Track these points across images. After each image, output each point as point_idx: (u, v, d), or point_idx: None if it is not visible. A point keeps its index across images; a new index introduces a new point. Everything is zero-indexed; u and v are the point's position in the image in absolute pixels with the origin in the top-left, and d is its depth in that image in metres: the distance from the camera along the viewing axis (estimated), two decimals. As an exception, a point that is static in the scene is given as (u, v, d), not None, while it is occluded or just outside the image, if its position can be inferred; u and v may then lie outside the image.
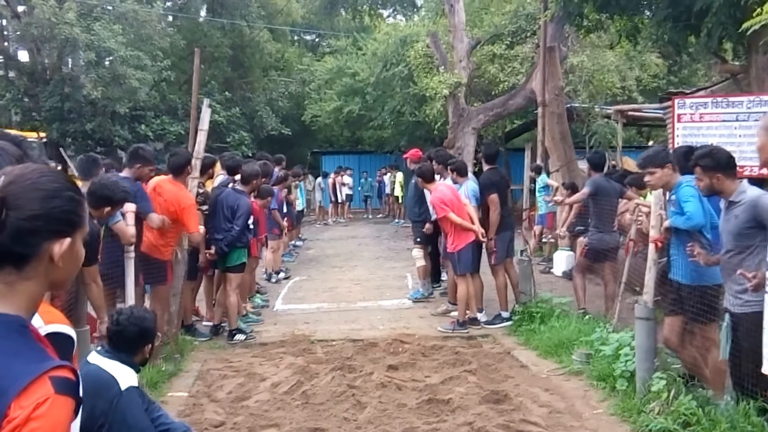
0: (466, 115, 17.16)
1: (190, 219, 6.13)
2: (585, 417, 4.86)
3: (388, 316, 8.23)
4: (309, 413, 5.01)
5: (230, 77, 24.18)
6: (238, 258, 7.13)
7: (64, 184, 1.36)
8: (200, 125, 6.56)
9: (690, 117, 8.06)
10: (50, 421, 1.19)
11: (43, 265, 1.31)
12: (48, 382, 1.20)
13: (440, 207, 7.31)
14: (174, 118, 21.41)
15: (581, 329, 6.42)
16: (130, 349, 3.17)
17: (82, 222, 1.38)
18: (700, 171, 4.21)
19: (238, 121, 22.96)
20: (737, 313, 3.95)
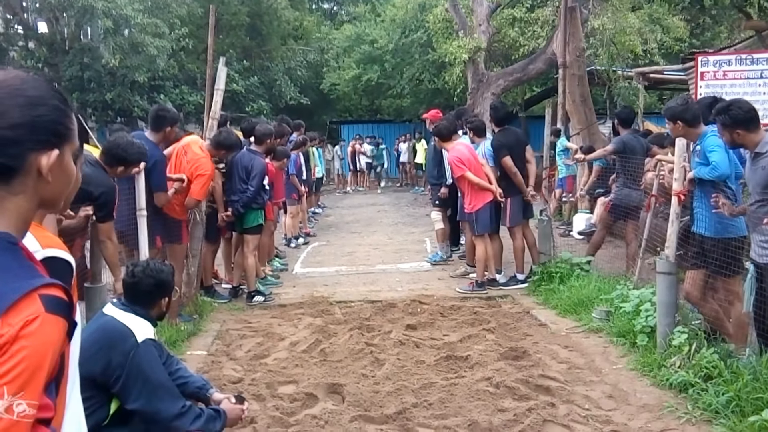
0: (486, 80, 16.94)
1: (198, 186, 6.08)
2: (604, 372, 4.80)
3: (406, 279, 8.20)
4: (327, 370, 5.01)
5: (248, 46, 24.03)
6: (254, 219, 7.11)
7: (48, 92, 1.26)
8: (216, 84, 6.50)
9: (713, 74, 7.87)
10: (40, 340, 1.11)
11: (31, 179, 1.23)
12: (38, 299, 1.13)
13: (457, 166, 7.21)
14: (193, 88, 21.35)
15: (601, 288, 6.34)
16: (146, 301, 3.14)
17: (70, 134, 1.29)
18: (720, 127, 4.10)
19: (256, 91, 22.88)
20: (762, 263, 3.85)
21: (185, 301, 6.39)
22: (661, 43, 16.57)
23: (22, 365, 1.08)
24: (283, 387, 4.68)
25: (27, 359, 1.09)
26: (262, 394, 4.52)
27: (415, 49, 21.41)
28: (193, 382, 3.33)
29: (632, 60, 15.98)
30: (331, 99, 26.52)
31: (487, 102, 15.84)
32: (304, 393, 4.50)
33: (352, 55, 24.11)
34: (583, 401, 4.29)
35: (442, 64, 18.75)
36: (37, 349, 1.10)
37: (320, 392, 4.55)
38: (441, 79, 19.42)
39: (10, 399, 1.06)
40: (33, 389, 1.10)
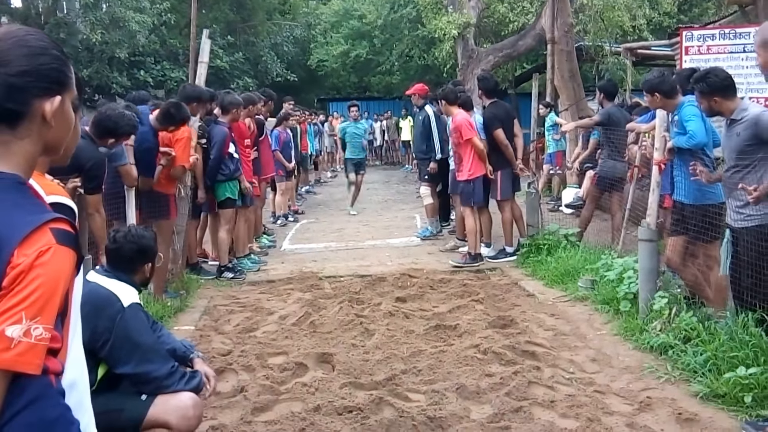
0: (476, 56, 17.00)
1: (180, 151, 6.06)
2: (589, 338, 5.01)
3: (396, 253, 8.38)
4: (317, 341, 5.17)
5: (233, 21, 23.93)
6: (222, 193, 7.19)
7: (49, 43, 1.40)
8: (200, 57, 6.58)
9: (698, 49, 8.01)
10: (53, 269, 1.23)
11: (36, 124, 1.35)
12: (49, 232, 1.25)
13: (468, 129, 7.39)
14: (175, 64, 21.26)
15: (587, 258, 6.55)
16: (128, 267, 3.17)
17: (69, 82, 1.42)
18: (698, 94, 4.25)
19: (241, 67, 22.83)
20: (738, 228, 4.04)
21: (171, 278, 6.50)
22: (650, 18, 16.71)
23: (38, 292, 1.20)
24: (272, 358, 4.83)
25: (42, 286, 1.21)
26: (252, 364, 4.66)
27: (404, 25, 21.44)
28: (178, 348, 3.38)
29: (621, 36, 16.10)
30: (318, 76, 26.53)
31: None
32: (294, 363, 4.65)
33: (340, 30, 24.10)
34: (567, 365, 4.49)
35: (432, 40, 18.78)
36: (50, 277, 1.23)
37: (310, 362, 4.70)
38: (431, 55, 19.47)
39: (28, 323, 1.19)
40: (48, 314, 1.22)
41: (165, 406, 2.96)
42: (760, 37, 3.04)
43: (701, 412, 3.67)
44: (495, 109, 7.76)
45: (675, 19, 18.09)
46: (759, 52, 3.03)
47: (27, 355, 1.19)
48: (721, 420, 3.58)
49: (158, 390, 2.99)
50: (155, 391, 2.99)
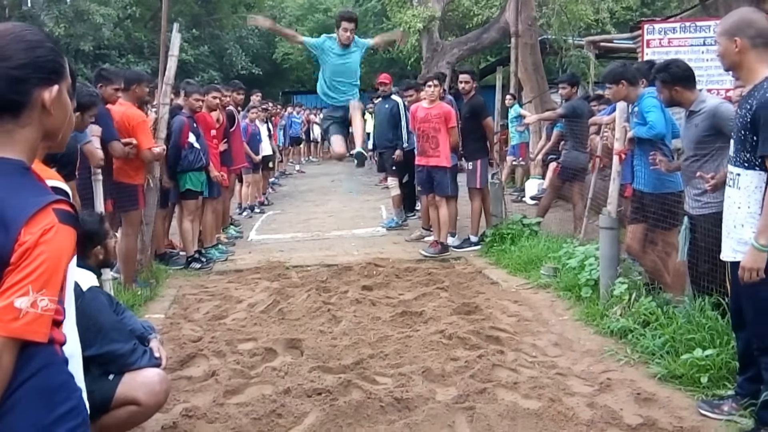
0: (441, 49, 17.10)
1: (142, 135, 5.98)
2: (551, 323, 5.12)
3: (362, 243, 8.42)
4: (285, 328, 5.20)
5: (198, 14, 23.69)
6: (183, 184, 7.15)
7: (44, 37, 1.50)
8: (170, 50, 6.53)
9: (659, 42, 8.19)
10: (56, 246, 1.33)
11: (36, 112, 1.45)
12: (52, 212, 1.35)
13: (454, 117, 7.53)
14: (140, 57, 21.03)
15: (549, 247, 6.68)
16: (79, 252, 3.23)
17: (65, 72, 1.51)
18: (659, 84, 4.37)
19: (206, 60, 22.65)
20: (696, 215, 4.16)
21: (140, 268, 6.47)
22: (613, 12, 16.99)
23: (43, 267, 1.31)
24: (242, 344, 4.85)
25: (47, 261, 1.31)
26: (222, 350, 4.68)
27: (369, 18, 21.48)
28: (137, 329, 3.40)
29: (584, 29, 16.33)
30: (284, 69, 26.43)
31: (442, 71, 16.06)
32: (263, 348, 4.68)
33: (306, 23, 24.06)
34: (530, 349, 4.58)
35: (397, 33, 18.84)
36: (54, 253, 1.33)
37: (279, 347, 4.74)
38: (395, 48, 19.53)
39: (35, 295, 1.29)
40: (52, 287, 1.32)
41: (132, 383, 3.00)
42: (722, 27, 3.12)
43: (659, 392, 3.78)
44: (480, 100, 7.94)
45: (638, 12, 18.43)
46: (720, 41, 3.11)
47: (34, 324, 1.29)
48: (679, 400, 3.70)
49: (124, 368, 3.04)
50: (121, 369, 3.04)
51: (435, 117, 7.46)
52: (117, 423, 3.10)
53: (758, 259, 2.87)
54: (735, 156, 3.11)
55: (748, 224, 2.99)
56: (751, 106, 2.94)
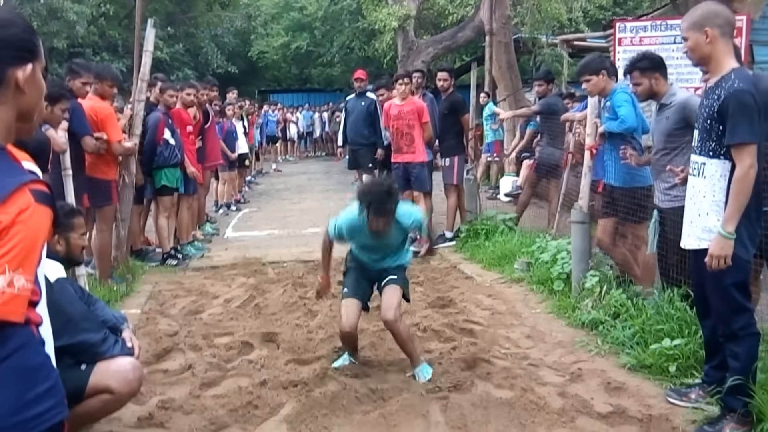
0: (416, 48, 17.17)
1: (111, 128, 5.93)
2: (524, 316, 5.18)
3: (338, 240, 8.41)
4: (262, 322, 5.20)
5: (172, 12, 23.49)
6: (158, 181, 7.11)
7: (17, 16, 1.49)
8: (145, 46, 6.49)
9: (630, 40, 8.30)
10: (33, 225, 1.32)
11: (10, 91, 1.43)
12: (28, 192, 1.34)
13: (427, 113, 7.56)
14: (114, 55, 20.80)
15: (523, 242, 6.75)
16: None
17: (38, 51, 1.50)
18: (638, 74, 4.42)
19: (182, 58, 22.46)
20: (665, 208, 4.24)
21: (116, 264, 6.44)
22: (586, 11, 17.18)
23: (20, 246, 1.30)
24: (219, 338, 4.85)
25: (23, 241, 1.30)
26: (199, 344, 4.68)
27: (344, 17, 21.47)
28: (108, 320, 3.40)
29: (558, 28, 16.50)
30: (259, 67, 26.31)
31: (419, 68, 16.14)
32: (240, 342, 4.69)
33: (281, 22, 23.98)
34: (503, 341, 4.64)
35: (372, 31, 18.89)
36: (30, 233, 1.32)
37: (256, 341, 4.74)
38: (371, 47, 19.57)
39: (11, 274, 1.28)
40: (29, 267, 1.31)
41: (105, 372, 3.00)
42: (689, 21, 3.18)
43: (629, 381, 3.86)
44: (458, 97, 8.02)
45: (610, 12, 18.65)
46: (688, 35, 3.16)
47: (11, 304, 1.28)
48: (648, 388, 3.77)
49: (96, 357, 3.04)
50: (93, 358, 3.03)
51: (408, 113, 7.48)
52: (91, 412, 3.10)
53: (725, 247, 2.95)
54: (700, 145, 3.18)
55: (713, 212, 3.07)
56: (719, 96, 3.01)
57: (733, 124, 2.93)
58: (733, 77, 3.01)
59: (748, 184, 2.92)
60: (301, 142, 23.24)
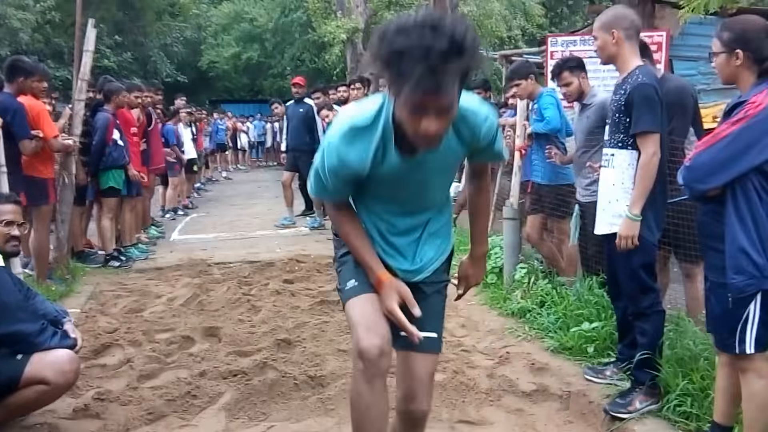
0: (364, 60, 17.35)
1: (46, 125, 5.79)
2: (460, 308, 5.29)
3: (285, 242, 8.46)
4: (204, 318, 5.19)
5: (120, 21, 23.12)
6: (105, 182, 7.05)
7: None
8: (85, 46, 6.42)
9: (561, 54, 8.61)
10: None
11: None
12: None
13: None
14: (60, 63, 20.33)
15: (461, 240, 6.87)
16: None
17: None
18: (568, 74, 4.61)
19: (130, 67, 22.09)
20: (585, 202, 4.44)
21: (55, 265, 6.30)
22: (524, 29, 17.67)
23: None
24: (159, 334, 4.81)
25: None
26: (139, 340, 4.64)
27: (295, 29, 21.52)
28: (51, 311, 3.39)
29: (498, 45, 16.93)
30: (210, 77, 26.09)
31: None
32: (180, 336, 4.68)
33: (232, 32, 23.87)
34: (439, 331, 4.76)
35: (322, 44, 18.98)
36: None
37: (197, 335, 4.75)
38: (321, 59, 19.67)
39: None
40: None
41: (41, 362, 2.99)
42: (600, 22, 3.36)
43: (551, 362, 4.02)
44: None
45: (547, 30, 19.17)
46: (598, 35, 3.35)
47: None
48: (568, 368, 3.94)
49: (32, 348, 3.01)
50: (30, 349, 3.01)
51: None
52: (25, 402, 3.08)
53: (632, 228, 3.13)
54: (610, 138, 3.37)
55: (622, 199, 3.25)
56: (625, 90, 3.20)
57: (637, 115, 3.13)
58: (637, 73, 3.21)
59: (651, 170, 3.11)
60: (253, 152, 23.12)
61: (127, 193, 7.36)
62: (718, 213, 2.56)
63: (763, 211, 2.47)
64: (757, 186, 2.47)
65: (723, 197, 2.53)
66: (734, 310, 2.51)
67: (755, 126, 2.44)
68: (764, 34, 2.57)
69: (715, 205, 2.58)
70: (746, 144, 2.44)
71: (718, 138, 2.50)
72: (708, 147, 2.53)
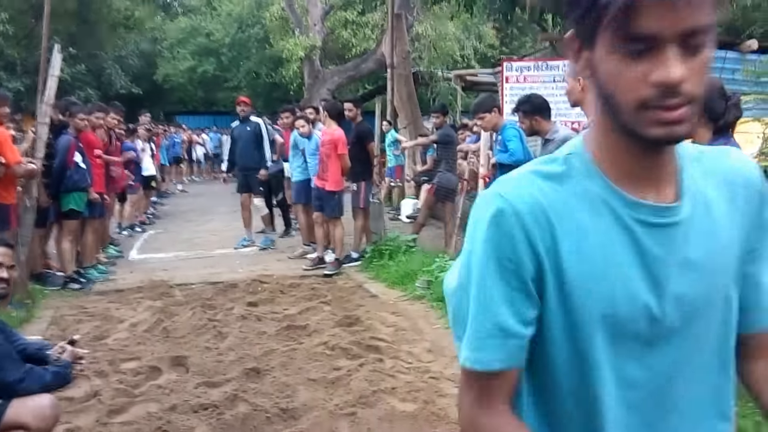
0: (321, 77, 17.32)
1: (8, 151, 5.63)
2: (426, 332, 5.31)
3: (246, 261, 8.33)
4: (170, 345, 5.06)
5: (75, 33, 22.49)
6: (66, 204, 6.84)
7: None
8: (51, 71, 6.27)
9: (516, 78, 8.76)
10: None
11: None
12: None
13: (344, 144, 7.56)
14: (12, 75, 19.72)
15: (424, 261, 6.90)
16: None
17: None
18: (521, 115, 4.70)
19: (84, 78, 21.50)
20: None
21: (15, 288, 6.08)
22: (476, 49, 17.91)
23: None
24: (125, 363, 4.67)
25: None
26: (105, 370, 4.48)
27: (252, 44, 21.36)
28: (32, 344, 3.25)
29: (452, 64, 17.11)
30: (165, 89, 25.61)
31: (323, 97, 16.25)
32: (147, 366, 4.55)
33: (188, 46, 23.53)
34: (406, 356, 4.73)
35: (280, 59, 18.88)
36: None
37: (164, 365, 4.61)
38: (278, 74, 19.55)
39: None
40: None
41: (22, 408, 2.87)
42: (570, 69, 3.45)
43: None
44: (366, 126, 8.10)
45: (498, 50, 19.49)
46: (568, 81, 3.42)
47: None
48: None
49: (15, 394, 2.87)
50: (12, 395, 2.87)
51: (327, 143, 7.58)
52: (3, 448, 2.94)
53: None
54: None
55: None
56: None
57: None
58: None
59: None
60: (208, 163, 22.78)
61: (89, 214, 7.14)
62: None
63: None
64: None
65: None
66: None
67: None
68: (717, 94, 2.65)
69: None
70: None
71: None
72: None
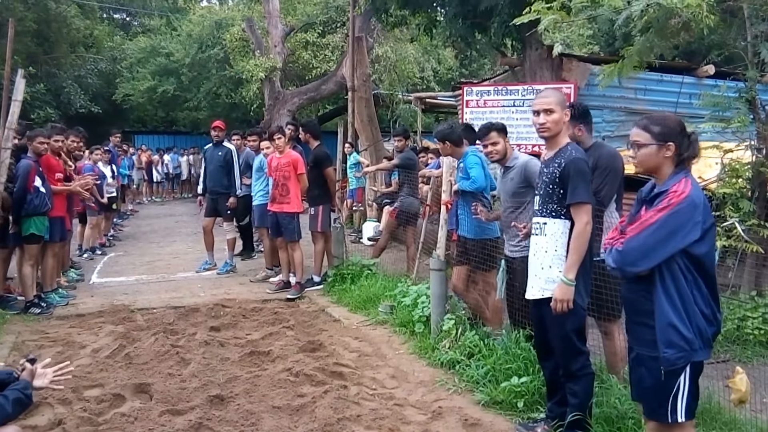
0: (282, 97, 17.31)
1: None
2: (389, 357, 5.31)
3: (208, 285, 8.21)
4: (133, 372, 4.96)
5: (34, 52, 22.00)
6: (26, 228, 6.68)
7: None
8: (14, 96, 6.15)
9: (476, 102, 8.91)
10: None
11: None
12: None
13: (302, 164, 7.58)
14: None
15: (386, 286, 6.92)
16: None
17: None
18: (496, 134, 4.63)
19: (43, 98, 21.03)
20: (512, 257, 4.55)
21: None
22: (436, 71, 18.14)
23: None
24: (89, 390, 4.58)
25: None
26: (68, 398, 4.39)
27: (212, 65, 21.15)
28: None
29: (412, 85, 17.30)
30: (124, 109, 25.15)
31: (284, 118, 16.23)
32: (111, 394, 4.45)
33: (147, 66, 23.19)
34: (371, 382, 4.73)
35: (240, 80, 18.77)
36: None
37: (127, 392, 4.52)
38: (238, 94, 19.42)
39: None
40: None
41: None
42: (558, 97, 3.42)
43: (483, 418, 4.06)
44: (323, 150, 8.00)
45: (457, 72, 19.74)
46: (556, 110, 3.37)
47: None
48: (500, 423, 3.99)
49: None
50: None
51: (284, 165, 7.53)
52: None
53: (567, 292, 3.25)
54: (541, 208, 3.49)
55: (555, 265, 3.36)
56: (560, 164, 3.34)
57: (573, 186, 3.26)
58: (569, 149, 3.37)
59: (585, 238, 3.25)
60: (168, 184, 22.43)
61: (50, 238, 6.97)
62: (647, 291, 2.68)
63: (688, 289, 2.61)
64: (682, 266, 2.61)
65: (651, 277, 2.66)
66: (666, 382, 2.62)
67: (679, 213, 2.59)
68: (679, 128, 2.76)
69: (643, 284, 2.70)
70: (672, 229, 2.58)
71: (646, 225, 2.64)
72: (637, 234, 2.66)
